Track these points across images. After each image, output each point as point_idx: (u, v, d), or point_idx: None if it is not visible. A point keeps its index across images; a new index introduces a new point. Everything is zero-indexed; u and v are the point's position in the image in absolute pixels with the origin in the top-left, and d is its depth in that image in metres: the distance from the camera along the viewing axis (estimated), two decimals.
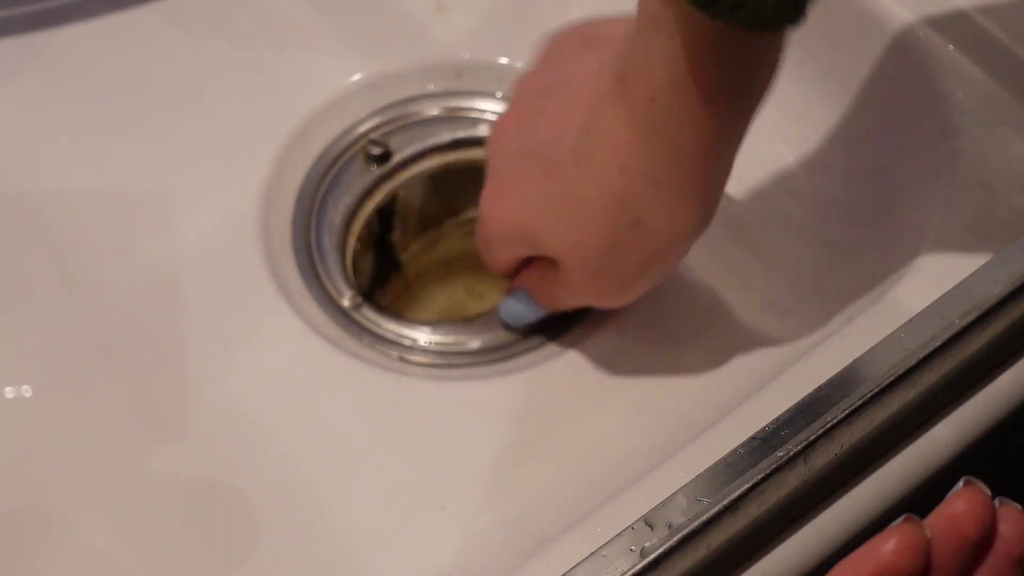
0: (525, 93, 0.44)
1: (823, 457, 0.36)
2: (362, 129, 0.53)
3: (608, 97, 0.38)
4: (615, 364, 0.46)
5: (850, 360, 0.37)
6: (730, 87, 0.36)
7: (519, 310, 0.47)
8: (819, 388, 0.36)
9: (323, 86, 0.53)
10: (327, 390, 0.45)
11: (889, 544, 0.29)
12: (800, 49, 0.51)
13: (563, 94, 0.41)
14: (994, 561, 0.29)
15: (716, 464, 0.35)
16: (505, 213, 0.43)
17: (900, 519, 0.29)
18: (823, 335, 0.43)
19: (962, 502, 0.29)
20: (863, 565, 0.29)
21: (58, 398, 0.45)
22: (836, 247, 0.48)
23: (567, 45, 0.44)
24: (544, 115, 0.42)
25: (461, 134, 0.53)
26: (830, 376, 0.36)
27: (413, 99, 0.53)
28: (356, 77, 0.53)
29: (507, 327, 0.48)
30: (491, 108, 0.54)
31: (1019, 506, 0.30)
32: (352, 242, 0.51)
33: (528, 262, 0.46)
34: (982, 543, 0.29)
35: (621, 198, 0.39)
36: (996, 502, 0.30)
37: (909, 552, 0.29)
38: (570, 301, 0.45)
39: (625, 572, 0.33)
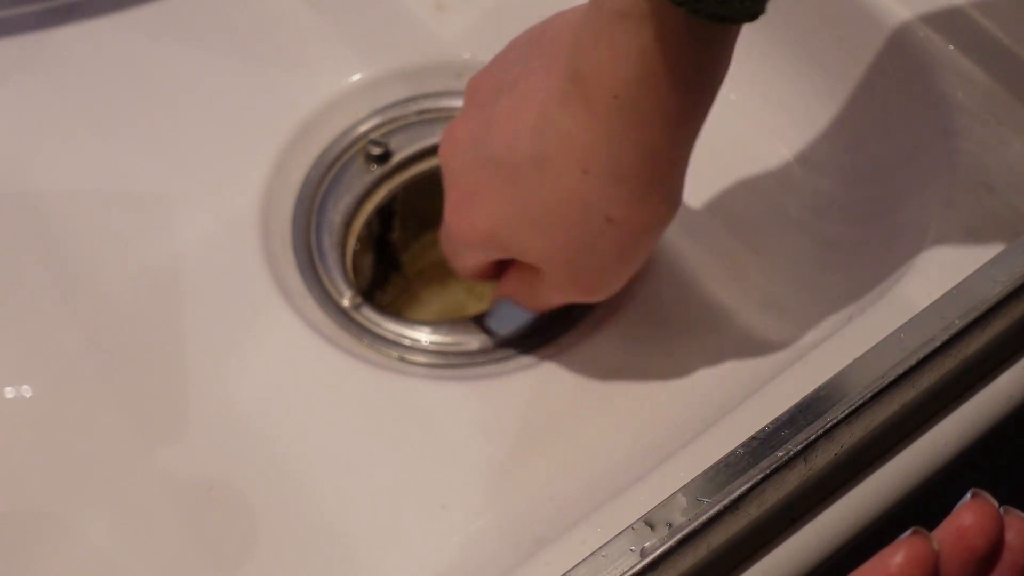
0: (473, 96, 0.43)
1: (823, 457, 0.36)
2: (362, 129, 0.53)
3: (559, 98, 0.37)
4: (615, 364, 0.46)
5: (850, 360, 0.37)
6: (695, 80, 0.36)
7: (508, 317, 0.47)
8: (819, 388, 0.36)
9: (323, 86, 0.53)
10: (327, 390, 0.45)
11: (897, 557, 0.28)
12: (800, 49, 0.51)
13: (510, 96, 0.40)
14: (1000, 572, 0.29)
15: (716, 464, 0.35)
16: (473, 224, 0.42)
17: (908, 532, 0.29)
18: (823, 335, 0.43)
19: (970, 514, 0.29)
20: None
21: (58, 398, 0.45)
22: (836, 247, 0.48)
23: (519, 45, 0.43)
24: (495, 120, 0.41)
25: None
26: (830, 376, 0.36)
27: (413, 99, 0.53)
28: (356, 77, 0.53)
29: (499, 334, 0.48)
30: None
31: None
32: (352, 242, 0.51)
33: (502, 265, 0.45)
34: (990, 555, 0.29)
35: (587, 200, 0.38)
36: (1001, 511, 0.29)
37: (917, 565, 0.28)
38: (556, 300, 0.44)
39: (625, 572, 0.33)
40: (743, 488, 0.34)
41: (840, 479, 0.38)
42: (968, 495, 0.29)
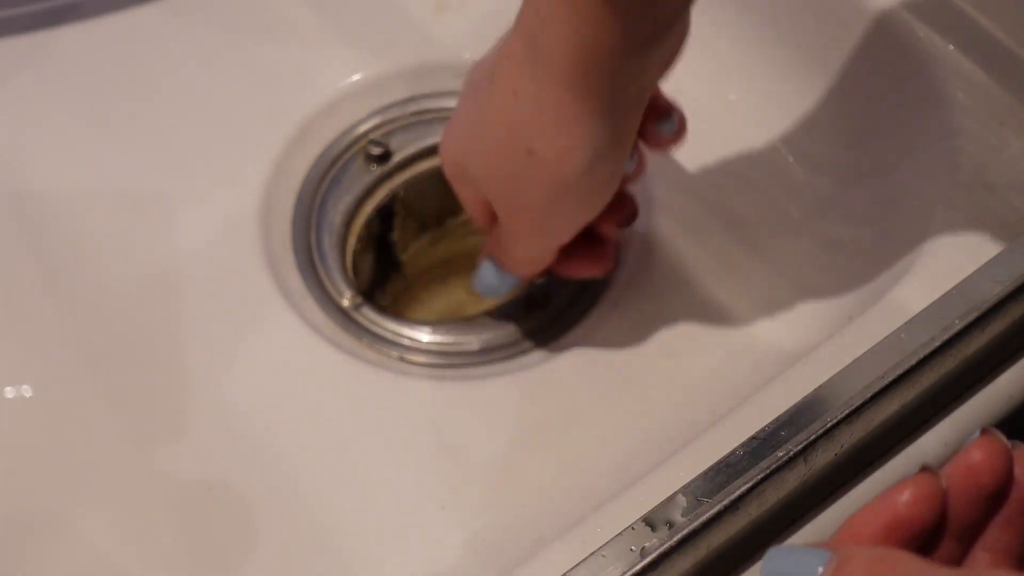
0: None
1: (823, 457, 0.36)
2: (362, 129, 0.53)
3: (514, 25, 0.38)
4: (615, 364, 0.46)
5: (850, 360, 0.37)
6: (615, 9, 0.35)
7: (489, 280, 0.46)
8: (819, 388, 0.36)
9: (323, 86, 0.53)
10: (327, 390, 0.45)
11: (904, 495, 0.28)
12: (800, 49, 0.51)
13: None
14: (1009, 509, 0.28)
15: (716, 464, 0.35)
16: (445, 144, 0.43)
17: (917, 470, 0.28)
18: (823, 335, 0.43)
19: (979, 451, 0.28)
20: (878, 516, 0.28)
21: (58, 398, 0.45)
22: (836, 246, 0.48)
23: None
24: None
25: None
26: (830, 376, 0.36)
27: (413, 99, 0.53)
28: (356, 77, 0.53)
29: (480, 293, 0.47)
30: None
31: None
32: (352, 242, 0.51)
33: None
34: (999, 493, 0.28)
35: (513, 125, 0.38)
36: (1010, 446, 0.29)
37: (925, 502, 0.28)
38: (516, 249, 0.44)
39: (625, 572, 0.33)
40: (743, 488, 0.34)
41: (840, 479, 0.38)
42: (977, 432, 0.29)
